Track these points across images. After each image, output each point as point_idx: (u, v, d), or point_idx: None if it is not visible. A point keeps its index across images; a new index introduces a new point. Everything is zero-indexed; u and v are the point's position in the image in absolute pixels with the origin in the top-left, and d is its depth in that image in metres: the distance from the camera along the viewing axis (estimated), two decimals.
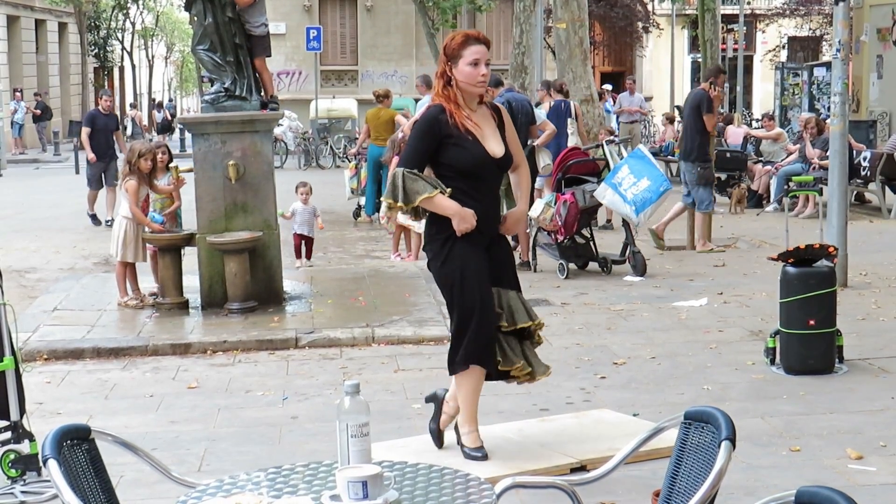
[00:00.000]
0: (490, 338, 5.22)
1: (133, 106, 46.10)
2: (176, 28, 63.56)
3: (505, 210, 6.26)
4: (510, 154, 5.31)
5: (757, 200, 16.79)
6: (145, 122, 43.99)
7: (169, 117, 40.03)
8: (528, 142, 11.49)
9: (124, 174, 9.66)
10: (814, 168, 15.06)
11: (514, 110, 11.19)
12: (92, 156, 16.16)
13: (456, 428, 5.51)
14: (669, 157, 20.64)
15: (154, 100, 50.68)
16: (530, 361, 5.40)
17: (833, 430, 5.93)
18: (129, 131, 39.48)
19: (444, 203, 5.13)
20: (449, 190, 5.14)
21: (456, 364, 5.29)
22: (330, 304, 9.55)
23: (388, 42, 36.43)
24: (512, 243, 10.54)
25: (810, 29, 39.31)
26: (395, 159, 12.81)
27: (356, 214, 16.36)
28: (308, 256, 12.28)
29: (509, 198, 9.63)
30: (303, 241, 12.26)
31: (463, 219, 5.11)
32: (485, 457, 5.35)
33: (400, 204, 5.12)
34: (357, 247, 14.03)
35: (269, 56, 9.95)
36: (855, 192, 16.41)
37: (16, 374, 5.48)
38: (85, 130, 16.52)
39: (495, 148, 5.21)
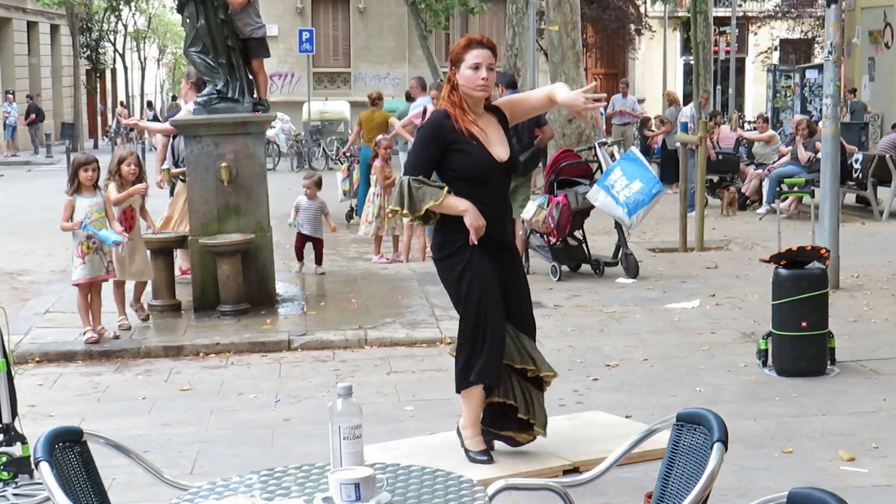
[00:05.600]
0: (499, 354, 5.19)
1: (122, 104, 46.05)
2: (168, 30, 63.37)
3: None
4: (516, 157, 5.29)
5: (742, 203, 16.79)
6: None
7: (158, 115, 40.12)
8: (535, 141, 11.32)
9: (105, 181, 9.60)
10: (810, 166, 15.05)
11: None
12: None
13: (458, 431, 5.51)
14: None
15: (148, 103, 50.72)
16: (531, 408, 5.34)
17: (825, 432, 5.94)
18: (112, 129, 39.84)
19: (454, 202, 5.07)
20: (446, 188, 5.10)
21: (464, 384, 5.29)
22: (322, 306, 9.55)
23: (381, 44, 36.45)
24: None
25: (802, 31, 39.45)
26: (377, 162, 12.76)
27: (349, 217, 16.36)
28: (318, 262, 11.26)
29: (514, 198, 9.54)
30: (307, 243, 11.30)
31: (476, 215, 5.07)
32: (490, 460, 5.34)
33: (405, 211, 5.09)
34: (350, 249, 14.01)
35: (268, 57, 9.94)
36: (856, 195, 16.41)
37: (8, 377, 5.46)
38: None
39: (501, 152, 5.18)
